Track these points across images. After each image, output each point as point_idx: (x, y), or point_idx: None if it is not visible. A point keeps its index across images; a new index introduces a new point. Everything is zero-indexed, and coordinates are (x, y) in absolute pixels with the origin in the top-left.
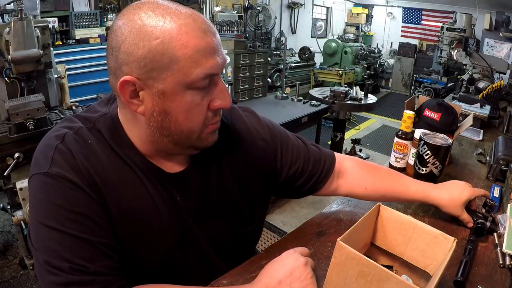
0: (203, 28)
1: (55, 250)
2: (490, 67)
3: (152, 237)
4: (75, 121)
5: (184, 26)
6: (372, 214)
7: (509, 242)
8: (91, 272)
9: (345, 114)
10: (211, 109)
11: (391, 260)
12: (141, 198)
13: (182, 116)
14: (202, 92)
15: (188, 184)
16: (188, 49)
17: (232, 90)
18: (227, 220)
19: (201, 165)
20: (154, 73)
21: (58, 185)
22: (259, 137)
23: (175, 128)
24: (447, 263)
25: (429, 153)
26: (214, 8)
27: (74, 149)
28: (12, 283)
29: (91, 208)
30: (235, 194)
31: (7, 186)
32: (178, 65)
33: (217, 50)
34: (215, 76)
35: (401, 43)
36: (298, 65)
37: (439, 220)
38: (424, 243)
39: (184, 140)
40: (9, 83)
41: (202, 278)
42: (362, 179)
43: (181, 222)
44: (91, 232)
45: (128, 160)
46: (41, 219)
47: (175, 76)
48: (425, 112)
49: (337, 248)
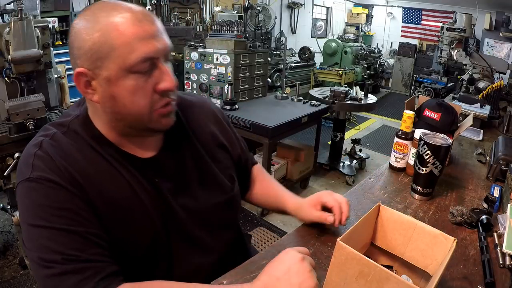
0: (140, 18)
1: (47, 246)
2: (490, 67)
3: (137, 221)
4: (50, 129)
5: (121, 18)
6: (372, 214)
7: (509, 242)
8: (84, 260)
9: (345, 114)
10: (157, 92)
11: (391, 260)
12: (120, 186)
13: (128, 100)
14: (144, 76)
15: (164, 166)
16: (125, 36)
17: (232, 90)
18: (210, 191)
19: (173, 145)
20: (99, 63)
21: (41, 186)
22: (215, 114)
23: (125, 111)
24: (447, 263)
25: (429, 153)
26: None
27: (51, 153)
28: (12, 283)
29: (74, 203)
30: (211, 165)
31: (7, 186)
32: (118, 52)
33: (154, 35)
34: (156, 59)
35: (401, 43)
36: (298, 65)
37: (439, 220)
38: (424, 243)
39: (136, 123)
40: (9, 83)
41: (190, 258)
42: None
43: (164, 202)
44: (77, 224)
45: (103, 152)
46: (30, 221)
47: (116, 62)
48: (425, 112)
49: (337, 248)
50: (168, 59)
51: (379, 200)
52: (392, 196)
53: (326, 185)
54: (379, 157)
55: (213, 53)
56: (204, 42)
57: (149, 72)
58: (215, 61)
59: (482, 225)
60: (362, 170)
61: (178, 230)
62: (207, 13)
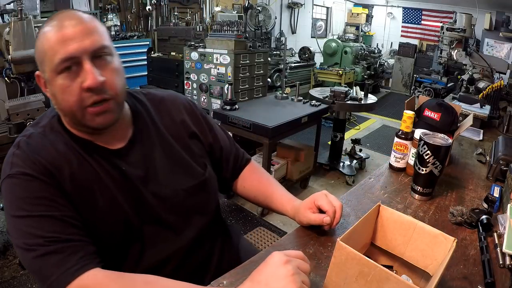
0: (63, 24)
1: (29, 232)
2: (490, 67)
3: (106, 207)
4: (29, 130)
5: (51, 26)
6: (372, 214)
7: (509, 242)
8: (64, 240)
9: (345, 114)
10: (83, 89)
11: (391, 260)
12: (88, 173)
13: (60, 98)
14: (70, 75)
15: (131, 155)
16: (50, 41)
17: (232, 90)
18: (181, 177)
19: (142, 137)
20: (42, 66)
21: (19, 181)
22: (187, 106)
23: (61, 108)
24: (447, 263)
25: (429, 153)
26: (214, 8)
27: (26, 150)
28: (12, 283)
29: (49, 192)
30: (182, 153)
31: None
32: (47, 56)
33: (73, 38)
34: (79, 59)
35: (401, 43)
36: (298, 65)
37: (439, 220)
38: (424, 243)
39: (73, 119)
40: (9, 83)
41: (162, 242)
42: (244, 179)
43: (131, 189)
44: (54, 209)
45: (75, 144)
46: (12, 212)
47: (47, 65)
48: (425, 112)
49: (337, 248)
50: (102, 55)
51: (379, 200)
52: (392, 196)
53: (326, 185)
54: (379, 157)
55: (213, 53)
56: (204, 42)
57: (76, 71)
58: (215, 61)
59: (482, 225)
60: (362, 170)
61: (150, 215)
62: (207, 13)
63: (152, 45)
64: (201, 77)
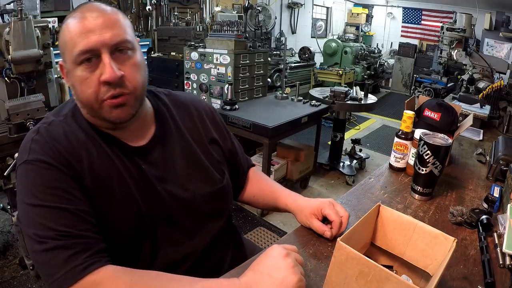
0: (84, 15)
1: (41, 223)
2: (490, 67)
3: (122, 201)
4: (49, 117)
5: (73, 17)
6: (372, 214)
7: (509, 242)
8: (74, 235)
9: (345, 114)
10: (101, 82)
11: (391, 260)
12: (108, 166)
13: (79, 89)
14: (89, 67)
15: (152, 154)
16: (71, 33)
17: (232, 90)
18: (199, 182)
19: (164, 137)
20: (64, 57)
21: (36, 168)
22: (208, 111)
23: (79, 99)
24: (447, 263)
25: (429, 153)
26: (214, 8)
27: (46, 136)
28: (12, 283)
29: (66, 182)
30: (202, 157)
31: (7, 186)
32: (67, 47)
33: (93, 30)
34: (98, 51)
35: (401, 43)
36: (298, 65)
37: (439, 220)
38: (424, 243)
39: (92, 111)
40: (9, 83)
41: (176, 244)
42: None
43: (149, 187)
44: (68, 202)
45: (96, 136)
46: (26, 199)
47: (68, 56)
48: (425, 112)
49: (337, 248)
50: (122, 49)
51: (379, 200)
52: (392, 196)
53: (326, 185)
54: (379, 157)
55: (213, 53)
56: (204, 42)
57: (95, 64)
58: (215, 61)
59: (482, 225)
60: (362, 170)
61: (165, 216)
62: (207, 13)
63: (152, 45)
64: (201, 77)
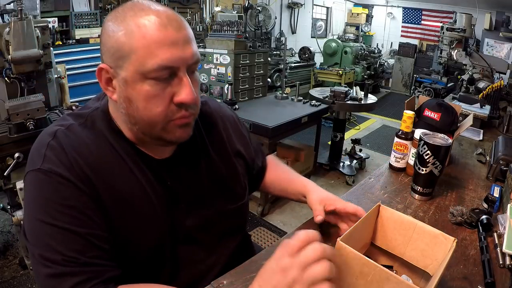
0: (165, 23)
1: (48, 244)
2: (490, 67)
3: (144, 220)
4: (67, 119)
5: (146, 20)
6: (372, 214)
7: (509, 242)
8: (82, 263)
9: (345, 114)
10: (174, 103)
11: (391, 260)
12: (131, 183)
13: (142, 105)
14: (162, 84)
15: (177, 168)
16: (146, 40)
17: (232, 90)
18: (220, 199)
19: (188, 150)
20: (119, 62)
21: (50, 180)
22: (231, 120)
23: (138, 116)
24: (447, 263)
25: (429, 153)
26: (214, 8)
27: (65, 144)
28: (12, 283)
29: (81, 201)
30: (224, 173)
31: (7, 186)
32: (136, 55)
33: (176, 43)
34: (177, 69)
35: (401, 43)
36: (298, 65)
37: (439, 220)
38: (424, 243)
39: (148, 130)
40: (9, 83)
41: (196, 262)
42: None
43: (173, 206)
44: (81, 224)
45: (118, 147)
46: (35, 214)
47: (134, 65)
48: (425, 112)
49: (337, 248)
50: (194, 69)
51: (379, 200)
52: (392, 196)
53: (326, 185)
54: (379, 157)
55: (213, 53)
56: (204, 42)
57: (168, 80)
58: (215, 61)
59: (482, 225)
60: (362, 170)
61: (186, 234)
62: (207, 13)
63: None
64: (201, 77)
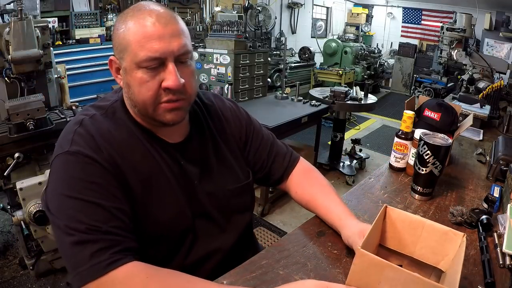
0: (154, 20)
1: (73, 215)
2: (490, 67)
3: (165, 198)
4: (90, 110)
5: (140, 19)
6: (381, 217)
7: (509, 242)
8: (104, 231)
9: (345, 114)
10: (162, 88)
11: (399, 259)
12: (151, 165)
13: (136, 90)
14: (152, 72)
15: (189, 151)
16: (137, 35)
17: (232, 90)
18: (226, 177)
19: (198, 135)
20: (121, 54)
21: (77, 160)
22: (238, 117)
23: (134, 99)
24: (463, 258)
25: (429, 153)
26: (214, 8)
27: (91, 130)
28: (12, 283)
29: (106, 179)
30: (228, 158)
31: (7, 186)
32: (131, 48)
33: (163, 37)
34: (165, 59)
35: (401, 43)
36: (298, 65)
37: (439, 220)
38: (433, 241)
39: (144, 111)
40: (9, 83)
41: (211, 238)
42: (297, 183)
43: (188, 183)
44: (105, 198)
45: (138, 133)
46: (61, 189)
47: (130, 56)
48: (425, 112)
49: (358, 255)
50: (184, 59)
51: (379, 200)
52: (392, 196)
53: None
54: (379, 157)
55: (213, 53)
56: (204, 42)
57: (157, 69)
58: (215, 61)
59: (482, 225)
60: (362, 170)
61: (201, 211)
62: (207, 13)
63: None
64: (201, 77)
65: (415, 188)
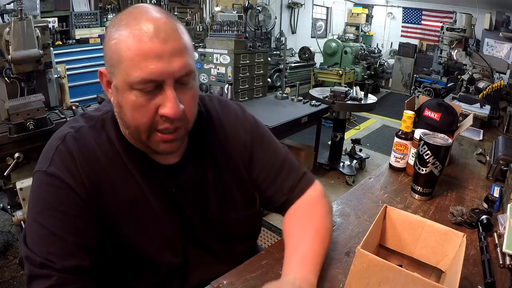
0: (151, 35)
1: (36, 241)
2: (490, 67)
3: (147, 227)
4: (79, 121)
5: (135, 31)
6: (381, 217)
7: (509, 242)
8: (57, 269)
9: (345, 114)
10: (159, 114)
11: (399, 259)
12: (133, 191)
13: (129, 113)
14: (147, 95)
15: (182, 175)
16: (131, 51)
17: (232, 90)
18: (227, 205)
19: (195, 155)
20: (112, 69)
21: (52, 183)
22: (243, 131)
23: (127, 122)
24: (463, 258)
25: (429, 153)
26: (214, 8)
27: (74, 148)
28: (12, 283)
29: (78, 210)
30: (230, 183)
31: (7, 186)
32: (123, 65)
33: (161, 56)
34: (162, 82)
35: (401, 43)
36: (298, 65)
37: (439, 220)
38: (433, 241)
39: (137, 136)
40: (9, 83)
41: (206, 268)
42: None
43: (177, 211)
44: (70, 232)
45: (124, 153)
46: (33, 213)
47: (121, 74)
48: (425, 112)
49: (358, 256)
50: (185, 81)
51: (379, 200)
52: (392, 196)
53: (326, 185)
54: (379, 157)
55: (213, 53)
56: (204, 42)
57: (153, 92)
58: (215, 61)
59: (482, 225)
60: (362, 170)
61: (195, 240)
62: (207, 13)
63: None
64: (201, 77)
65: (415, 188)
